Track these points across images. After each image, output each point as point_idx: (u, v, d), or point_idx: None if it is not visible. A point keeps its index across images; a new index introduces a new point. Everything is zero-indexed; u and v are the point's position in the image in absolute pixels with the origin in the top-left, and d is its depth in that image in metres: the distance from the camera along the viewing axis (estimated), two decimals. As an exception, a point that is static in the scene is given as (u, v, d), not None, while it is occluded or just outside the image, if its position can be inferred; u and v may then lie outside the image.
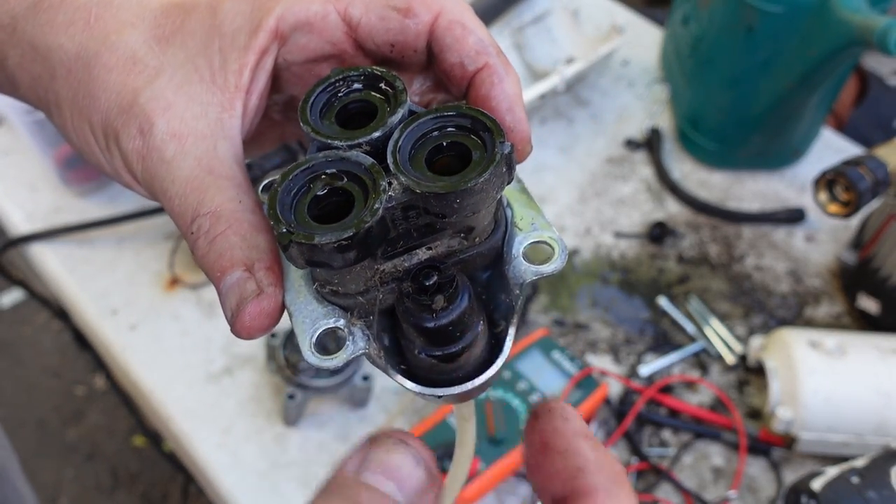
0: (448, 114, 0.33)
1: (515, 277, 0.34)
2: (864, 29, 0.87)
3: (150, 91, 0.36)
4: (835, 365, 0.87)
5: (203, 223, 0.35)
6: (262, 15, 0.37)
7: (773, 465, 0.90)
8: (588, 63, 1.19)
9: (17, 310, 2.32)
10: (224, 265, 0.34)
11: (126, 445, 2.07)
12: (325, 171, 0.32)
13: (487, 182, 0.31)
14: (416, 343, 0.33)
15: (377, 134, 0.33)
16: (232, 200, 0.35)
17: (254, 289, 0.34)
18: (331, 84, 0.35)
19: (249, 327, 0.34)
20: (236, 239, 0.34)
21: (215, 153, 0.36)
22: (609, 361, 0.98)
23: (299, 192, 0.32)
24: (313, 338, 0.33)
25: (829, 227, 1.11)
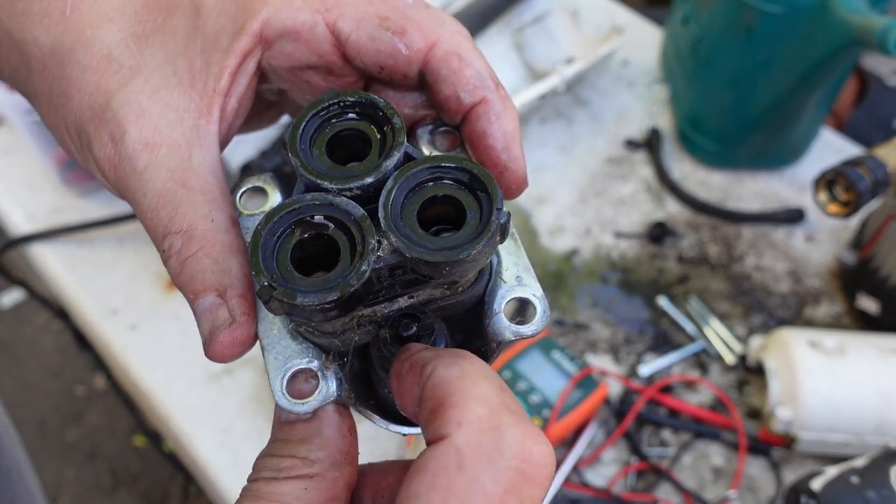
0: (447, 165, 0.31)
1: (495, 334, 0.34)
2: (863, 29, 0.87)
3: (124, 95, 0.34)
4: (834, 365, 0.87)
5: (174, 242, 0.34)
6: (246, 17, 0.35)
7: (773, 465, 0.90)
8: (588, 63, 1.19)
9: (18, 310, 2.32)
10: (196, 288, 0.33)
11: (126, 445, 2.07)
12: (312, 215, 0.31)
13: (480, 252, 0.30)
14: (388, 384, 0.32)
15: (370, 180, 0.31)
16: (205, 218, 0.34)
17: (226, 317, 0.33)
18: (324, 108, 0.33)
19: (222, 354, 0.34)
20: (208, 262, 0.33)
21: (190, 164, 0.34)
22: (609, 361, 0.98)
23: (283, 234, 0.31)
24: (285, 378, 0.33)
25: (828, 227, 1.11)
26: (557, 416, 0.85)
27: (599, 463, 0.90)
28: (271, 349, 0.33)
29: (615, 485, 0.88)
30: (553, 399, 0.87)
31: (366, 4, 0.35)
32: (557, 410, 0.86)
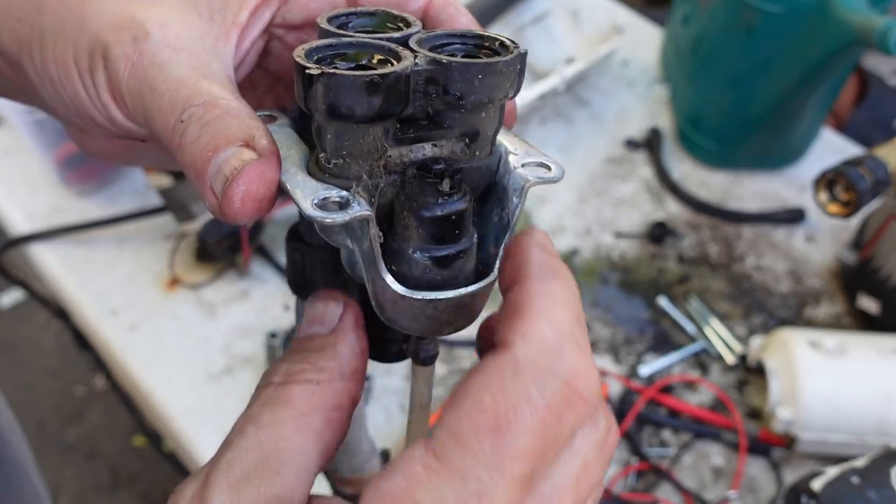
0: (462, 33, 0.34)
1: (514, 185, 0.35)
2: (864, 29, 0.87)
3: (149, 13, 0.35)
4: (835, 365, 0.87)
5: (195, 111, 0.33)
6: None
7: (774, 465, 0.90)
8: (588, 63, 1.19)
9: (17, 310, 2.32)
10: (219, 143, 0.32)
11: (126, 445, 2.07)
12: (346, 51, 0.32)
13: (506, 66, 0.32)
14: (414, 239, 0.32)
15: (396, 35, 0.34)
16: (227, 94, 0.34)
17: (253, 155, 0.32)
18: (342, 13, 0.35)
19: (244, 194, 0.31)
20: (233, 122, 0.33)
21: (209, 68, 0.35)
22: (609, 361, 0.98)
23: (326, 56, 0.32)
24: (315, 200, 0.31)
25: (829, 227, 1.11)
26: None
27: (600, 463, 0.90)
28: (297, 188, 0.32)
29: (615, 485, 0.88)
30: (553, 399, 0.87)
31: None
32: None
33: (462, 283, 0.33)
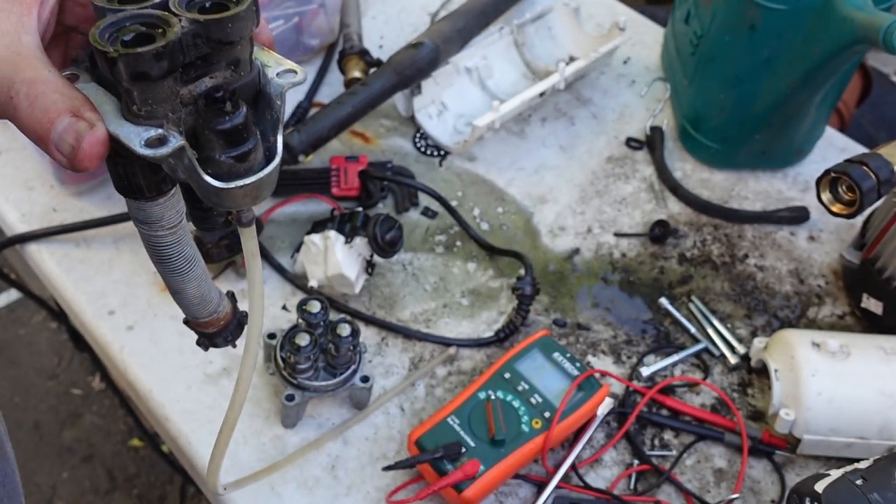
0: None
1: (274, 91, 0.48)
2: (868, 27, 0.86)
3: None
4: (838, 366, 0.86)
5: (21, 88, 0.43)
6: None
7: (776, 467, 0.89)
8: (589, 61, 1.18)
9: (13, 310, 2.31)
10: (52, 116, 0.43)
11: (123, 447, 2.06)
12: (126, 23, 0.43)
13: (245, 13, 0.44)
14: (216, 148, 0.44)
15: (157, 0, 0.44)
16: (42, 70, 0.43)
17: (86, 126, 0.43)
18: None
19: (90, 157, 0.43)
20: (56, 96, 0.43)
21: (21, 42, 0.44)
22: (610, 362, 0.97)
23: (110, 38, 0.42)
24: (142, 141, 0.43)
25: (832, 227, 1.10)
26: (559, 419, 0.85)
27: (600, 464, 0.89)
28: (124, 133, 0.44)
29: (616, 486, 0.87)
30: (554, 400, 0.86)
31: None
32: (559, 413, 0.85)
33: (257, 168, 0.46)
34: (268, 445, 0.89)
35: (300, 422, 0.90)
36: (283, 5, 1.20)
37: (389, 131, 1.20)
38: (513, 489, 0.87)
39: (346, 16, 1.28)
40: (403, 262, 1.05)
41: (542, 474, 0.87)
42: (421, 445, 0.83)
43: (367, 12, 1.38)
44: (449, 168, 1.16)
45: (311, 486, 0.86)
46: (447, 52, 1.15)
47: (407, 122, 1.21)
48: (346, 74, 1.17)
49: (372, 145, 1.18)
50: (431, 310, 1.01)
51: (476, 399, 0.86)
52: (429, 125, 1.18)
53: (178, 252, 0.53)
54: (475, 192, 1.13)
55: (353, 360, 0.86)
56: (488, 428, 0.84)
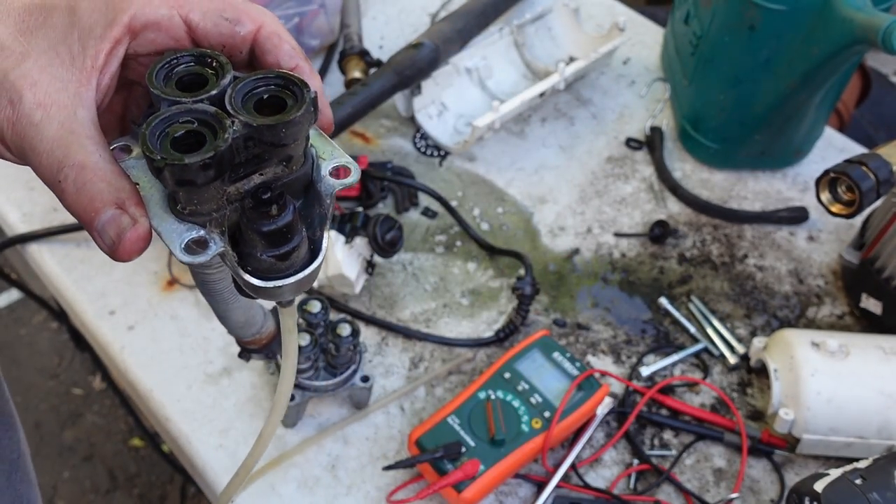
0: (266, 76, 0.44)
1: (326, 189, 0.45)
2: (867, 27, 0.86)
3: (19, 71, 0.43)
4: (838, 366, 0.86)
5: (69, 173, 0.42)
6: (116, 13, 0.45)
7: (776, 467, 0.89)
8: (589, 62, 1.18)
9: (14, 310, 2.31)
10: (97, 206, 0.43)
11: (124, 446, 2.07)
12: (179, 119, 0.42)
13: (302, 116, 0.42)
14: (259, 247, 0.43)
15: (214, 92, 0.43)
16: (93, 154, 0.43)
17: (129, 221, 0.43)
18: (167, 62, 0.45)
19: (130, 252, 0.44)
20: (103, 185, 0.43)
21: (76, 118, 0.43)
22: (610, 362, 0.97)
23: (161, 135, 0.41)
24: (182, 244, 0.43)
25: (831, 227, 1.10)
26: (559, 419, 0.85)
27: (600, 464, 0.89)
28: (166, 232, 0.43)
29: (616, 486, 0.87)
30: (553, 400, 0.86)
31: (208, 1, 0.46)
32: (559, 413, 0.85)
33: (299, 265, 0.45)
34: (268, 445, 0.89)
35: (300, 421, 0.90)
36: (284, 6, 1.20)
37: (389, 131, 1.21)
38: (513, 489, 0.87)
39: (346, 16, 1.28)
40: (403, 262, 1.05)
41: (541, 474, 0.87)
42: (421, 445, 0.83)
43: (367, 13, 1.38)
44: (449, 168, 1.16)
45: (311, 486, 0.86)
46: (447, 53, 1.15)
47: (407, 123, 1.21)
48: (347, 75, 1.18)
49: (372, 145, 1.19)
50: (431, 310, 1.01)
51: (476, 399, 0.86)
52: (429, 125, 1.18)
53: (225, 287, 0.53)
54: (475, 193, 1.14)
55: (353, 359, 0.86)
56: (488, 428, 0.84)
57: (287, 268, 0.44)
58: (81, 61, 0.44)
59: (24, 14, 0.45)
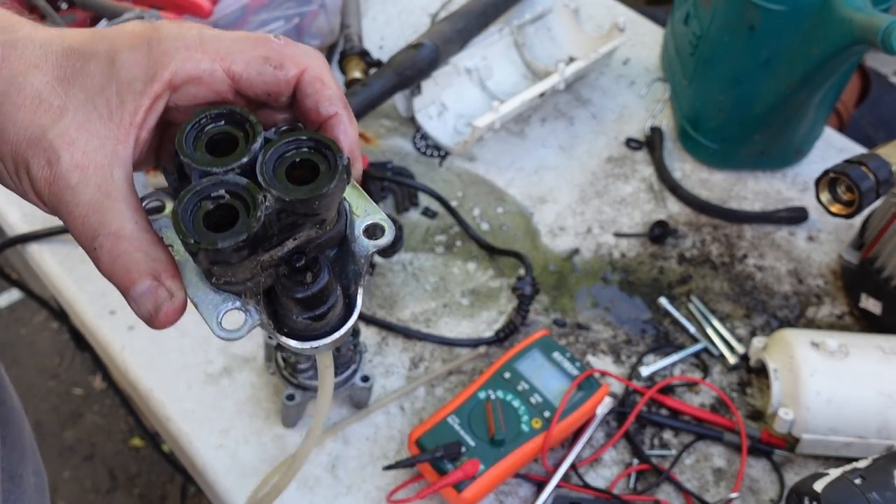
0: (298, 138, 0.43)
1: (360, 251, 0.46)
2: (867, 28, 0.86)
3: (57, 128, 0.42)
4: (837, 366, 0.86)
5: (104, 242, 0.42)
6: (157, 68, 0.43)
7: (775, 467, 0.89)
8: (589, 62, 1.18)
9: (14, 310, 2.31)
10: (133, 277, 0.43)
11: (124, 446, 2.07)
12: (211, 193, 0.41)
13: (336, 187, 0.41)
14: (294, 310, 0.43)
15: (245, 159, 0.42)
16: (128, 221, 0.43)
17: (166, 295, 0.43)
18: (197, 121, 0.44)
19: (167, 322, 0.44)
20: (139, 255, 0.42)
21: (112, 179, 0.43)
22: (610, 362, 0.97)
23: (193, 210, 0.41)
24: (219, 318, 0.43)
25: (831, 227, 1.10)
26: (559, 419, 0.85)
27: (600, 464, 0.89)
28: (202, 304, 0.44)
29: (616, 486, 0.87)
30: (553, 400, 0.86)
31: (251, 49, 0.45)
32: (559, 413, 0.85)
33: (334, 323, 0.45)
34: (269, 445, 0.89)
35: (300, 421, 0.90)
36: (284, 6, 1.20)
37: (389, 131, 1.21)
38: (513, 488, 0.87)
39: (346, 17, 1.28)
40: (403, 262, 1.05)
41: (541, 474, 0.87)
42: (421, 445, 0.83)
43: (367, 13, 1.38)
44: (449, 168, 1.17)
45: (311, 486, 0.86)
46: (447, 53, 1.15)
47: (407, 123, 1.21)
48: (347, 75, 1.18)
49: (372, 145, 1.19)
50: (431, 310, 1.01)
51: (476, 399, 0.86)
52: (429, 125, 1.18)
53: None
54: (475, 193, 1.14)
55: (353, 359, 0.86)
56: (488, 427, 0.84)
57: (323, 326, 0.44)
58: (119, 116, 0.43)
59: (63, 59, 0.44)
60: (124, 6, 1.04)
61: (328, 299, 0.43)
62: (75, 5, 1.10)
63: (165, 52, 0.44)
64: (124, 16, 0.98)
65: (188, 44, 0.44)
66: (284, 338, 0.44)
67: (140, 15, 0.97)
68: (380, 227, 0.46)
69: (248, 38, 0.46)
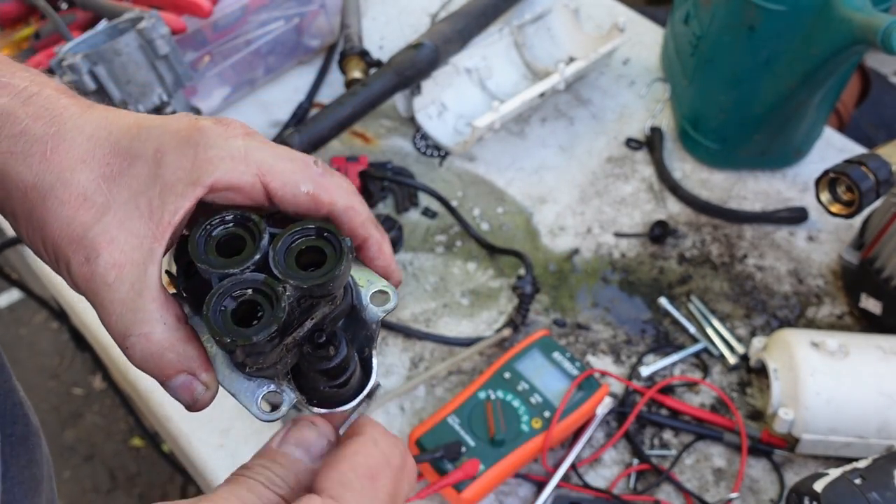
0: (301, 227, 0.46)
1: (371, 318, 0.49)
2: (866, 28, 0.86)
3: (99, 227, 0.44)
4: (837, 366, 0.86)
5: (136, 342, 0.44)
6: (200, 174, 0.45)
7: (775, 467, 0.89)
8: (589, 62, 1.18)
9: (14, 310, 2.32)
10: (168, 373, 0.45)
11: (124, 446, 2.07)
12: (233, 293, 0.44)
13: (346, 267, 0.45)
14: (321, 382, 0.47)
15: (257, 256, 0.45)
16: (158, 323, 0.45)
17: (202, 388, 0.46)
18: (205, 229, 0.46)
19: (202, 408, 0.47)
20: (172, 355, 0.45)
21: (145, 278, 0.44)
22: (610, 362, 0.97)
23: (220, 311, 0.44)
24: (258, 403, 0.47)
25: (831, 227, 1.10)
26: (559, 419, 0.85)
27: (600, 464, 0.89)
28: (238, 392, 0.47)
29: (616, 486, 0.87)
30: (553, 400, 0.86)
31: (290, 173, 0.47)
32: (559, 413, 0.85)
33: (356, 386, 0.49)
34: (268, 445, 0.89)
35: (301, 421, 0.90)
36: (284, 6, 1.20)
37: (389, 131, 1.21)
38: (513, 488, 0.87)
39: (346, 17, 1.28)
40: (403, 262, 1.05)
41: (541, 474, 0.87)
42: (421, 445, 0.83)
43: (367, 13, 1.38)
44: (449, 168, 1.17)
45: (311, 486, 0.86)
46: (447, 53, 1.15)
47: (407, 123, 1.21)
48: (347, 75, 1.18)
49: (372, 145, 1.19)
50: (431, 309, 1.01)
51: (476, 399, 0.86)
52: (429, 125, 1.18)
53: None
54: (475, 193, 1.14)
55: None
56: (488, 428, 0.84)
57: (346, 391, 0.48)
58: (160, 216, 0.45)
59: (110, 156, 0.45)
60: (124, 6, 1.04)
61: (349, 366, 0.47)
62: (75, 5, 1.11)
63: (210, 161, 0.45)
64: (124, 16, 0.98)
65: (233, 154, 0.46)
66: (315, 408, 0.48)
67: (140, 15, 0.97)
68: (385, 293, 0.50)
69: (291, 159, 0.48)
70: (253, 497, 0.41)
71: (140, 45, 0.96)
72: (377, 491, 0.45)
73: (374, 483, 0.45)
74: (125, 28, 0.98)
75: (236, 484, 0.41)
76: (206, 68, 1.18)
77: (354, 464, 0.45)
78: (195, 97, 1.18)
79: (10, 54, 1.11)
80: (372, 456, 0.46)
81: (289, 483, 0.45)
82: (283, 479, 0.43)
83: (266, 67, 1.26)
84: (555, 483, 0.85)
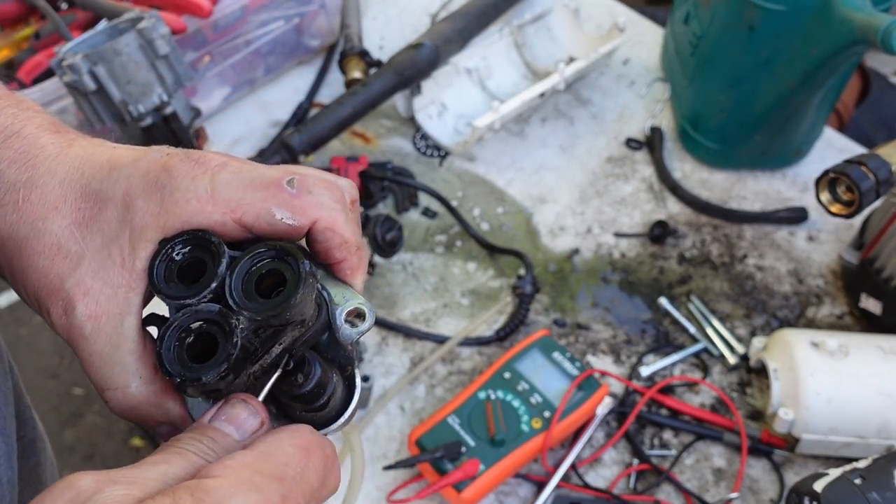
0: (259, 251, 0.44)
1: (345, 339, 0.47)
2: (867, 28, 0.86)
3: (74, 278, 0.44)
4: (837, 366, 0.86)
5: (113, 395, 0.45)
6: (167, 218, 0.44)
7: (775, 467, 0.89)
8: (589, 62, 1.18)
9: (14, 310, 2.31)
10: (150, 424, 0.46)
11: (124, 446, 2.07)
12: (188, 325, 0.42)
13: (304, 293, 0.42)
14: (296, 406, 0.45)
15: (214, 284, 0.43)
16: (134, 377, 0.44)
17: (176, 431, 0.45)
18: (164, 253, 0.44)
19: None
20: (150, 409, 0.45)
21: (122, 330, 0.44)
22: (610, 362, 0.97)
23: (176, 346, 0.42)
24: None
25: (831, 227, 1.10)
26: (559, 419, 0.85)
27: (600, 464, 0.89)
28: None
29: (616, 486, 0.87)
30: (553, 400, 0.86)
31: (262, 202, 0.45)
32: (559, 413, 0.85)
33: (339, 406, 0.47)
34: None
35: (301, 421, 0.90)
36: (284, 6, 1.20)
37: (389, 131, 1.21)
38: (513, 488, 0.87)
39: (346, 17, 1.28)
40: (403, 262, 1.05)
41: (541, 474, 0.87)
42: (421, 445, 0.83)
43: (367, 13, 1.38)
44: (449, 168, 1.17)
45: (311, 486, 0.86)
46: (447, 53, 1.15)
47: (407, 123, 1.21)
48: (347, 75, 1.18)
49: (372, 145, 1.19)
50: (431, 309, 1.01)
51: (476, 399, 0.86)
52: (429, 125, 1.18)
53: None
54: (475, 193, 1.14)
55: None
56: (488, 427, 0.84)
57: (328, 413, 0.47)
58: (132, 263, 0.44)
59: (81, 200, 0.45)
60: (124, 6, 1.04)
61: (326, 390, 0.45)
62: (75, 5, 1.11)
63: (177, 203, 0.44)
64: (124, 16, 0.98)
65: (199, 195, 0.45)
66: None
67: (140, 16, 0.97)
68: (360, 312, 0.47)
69: (261, 186, 0.46)
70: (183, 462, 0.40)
71: (140, 45, 0.96)
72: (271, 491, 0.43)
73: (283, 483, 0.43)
74: (125, 28, 0.98)
75: (167, 452, 0.41)
76: (206, 68, 1.18)
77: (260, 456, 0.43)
78: (195, 97, 1.18)
79: (11, 54, 1.11)
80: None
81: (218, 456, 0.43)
82: (214, 451, 0.42)
83: (266, 67, 1.26)
84: (555, 483, 0.85)
